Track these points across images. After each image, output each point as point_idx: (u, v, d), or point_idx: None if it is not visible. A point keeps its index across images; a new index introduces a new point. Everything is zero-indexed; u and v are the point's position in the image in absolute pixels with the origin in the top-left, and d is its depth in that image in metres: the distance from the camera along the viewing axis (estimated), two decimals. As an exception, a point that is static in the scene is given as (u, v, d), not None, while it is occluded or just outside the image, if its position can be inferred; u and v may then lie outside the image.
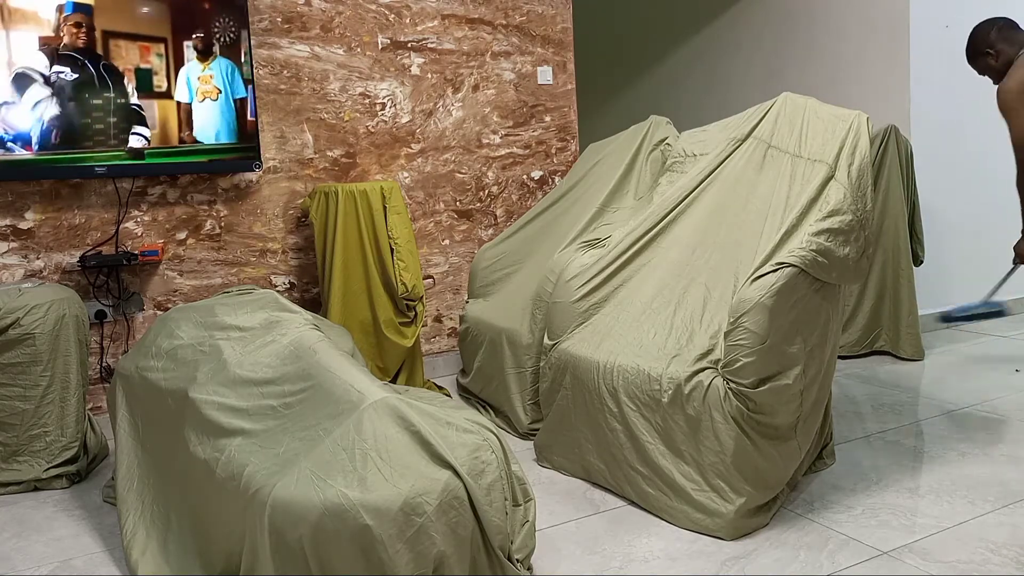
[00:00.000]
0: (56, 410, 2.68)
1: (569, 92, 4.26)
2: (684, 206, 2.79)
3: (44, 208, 3.23)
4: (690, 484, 2.21)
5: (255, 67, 3.46)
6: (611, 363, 2.41)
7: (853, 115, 2.60)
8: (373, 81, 3.76)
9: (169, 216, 3.44)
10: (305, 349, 2.00)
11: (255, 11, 3.47)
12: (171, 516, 2.09)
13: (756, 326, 2.15)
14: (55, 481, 2.67)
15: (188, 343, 2.22)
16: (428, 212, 3.94)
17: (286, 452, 1.77)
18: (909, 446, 2.75)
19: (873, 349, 3.90)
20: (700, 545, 2.13)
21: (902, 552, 2.03)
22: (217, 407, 1.95)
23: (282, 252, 3.66)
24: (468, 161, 4.01)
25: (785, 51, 4.85)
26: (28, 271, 3.22)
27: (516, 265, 3.47)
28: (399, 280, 3.35)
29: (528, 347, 2.99)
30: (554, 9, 4.17)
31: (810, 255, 2.24)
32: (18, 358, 2.62)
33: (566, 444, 2.60)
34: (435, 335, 4.01)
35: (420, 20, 3.84)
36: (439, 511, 1.64)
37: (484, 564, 1.75)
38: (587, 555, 2.10)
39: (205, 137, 3.33)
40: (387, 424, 1.71)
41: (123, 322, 3.39)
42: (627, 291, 2.68)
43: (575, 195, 3.47)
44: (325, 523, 1.60)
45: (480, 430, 1.85)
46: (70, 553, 2.24)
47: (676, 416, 2.24)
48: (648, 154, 3.34)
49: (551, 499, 2.43)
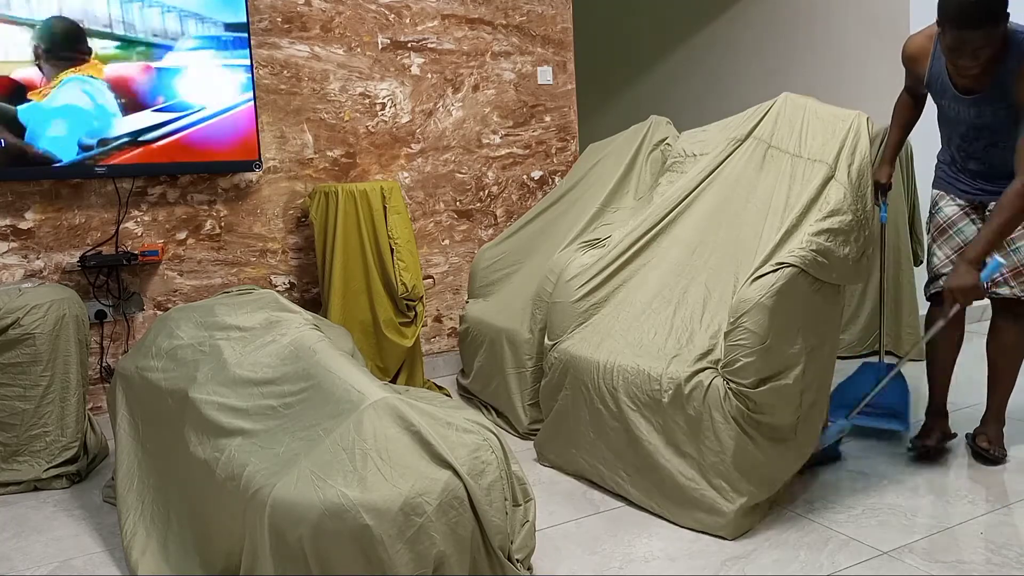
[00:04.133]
0: (56, 410, 2.68)
1: (569, 92, 4.26)
2: (684, 206, 2.79)
3: (44, 208, 3.23)
4: (691, 484, 2.21)
5: (255, 67, 3.45)
6: (611, 363, 2.41)
7: (853, 115, 2.60)
8: (373, 81, 3.76)
9: (169, 216, 3.44)
10: (305, 349, 2.00)
11: (255, 11, 3.47)
12: (171, 516, 2.09)
13: (756, 326, 2.15)
14: (55, 481, 2.67)
15: (188, 343, 2.22)
16: (428, 212, 3.94)
17: (286, 452, 1.76)
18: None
19: (874, 349, 3.90)
20: (700, 545, 2.13)
21: (902, 552, 2.03)
22: (217, 407, 1.95)
23: (282, 252, 3.66)
24: (468, 161, 4.01)
25: (785, 51, 4.85)
26: (28, 271, 3.22)
27: (516, 265, 3.47)
28: (399, 280, 3.35)
29: (528, 347, 2.99)
30: (554, 9, 4.17)
31: (810, 255, 2.24)
32: (18, 358, 2.62)
33: (566, 444, 2.60)
34: (435, 335, 4.01)
35: (420, 20, 3.84)
36: (439, 511, 1.64)
37: (484, 564, 1.75)
38: (587, 555, 2.10)
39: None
40: (387, 424, 1.71)
41: (123, 322, 3.39)
42: (627, 291, 2.68)
43: (575, 195, 3.47)
44: (325, 523, 1.59)
45: (480, 430, 1.85)
46: (70, 553, 2.23)
47: (677, 416, 2.24)
48: (648, 154, 3.34)
49: (551, 499, 2.43)
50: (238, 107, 3.35)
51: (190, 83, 3.26)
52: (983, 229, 2.33)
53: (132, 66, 3.18)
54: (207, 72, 3.28)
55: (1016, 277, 2.50)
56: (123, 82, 3.17)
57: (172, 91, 3.24)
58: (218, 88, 3.31)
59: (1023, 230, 2.44)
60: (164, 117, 3.25)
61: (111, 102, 3.15)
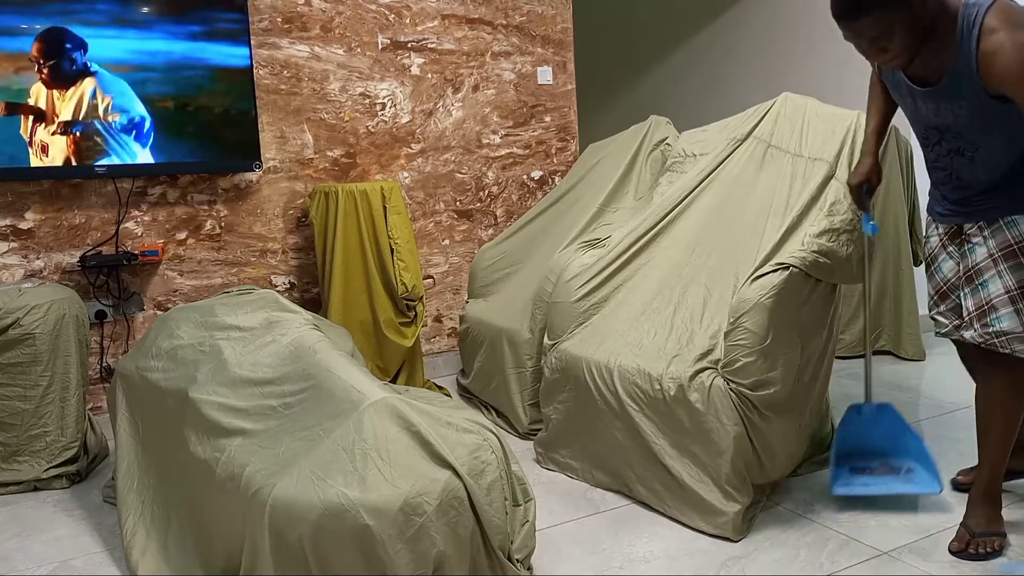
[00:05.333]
0: (56, 410, 2.67)
1: (569, 92, 4.26)
2: (684, 206, 2.79)
3: (44, 208, 3.23)
4: (695, 483, 2.20)
5: (255, 67, 3.45)
6: (611, 363, 2.41)
7: (853, 115, 2.60)
8: (373, 81, 3.76)
9: (169, 216, 3.44)
10: (305, 349, 2.00)
11: (255, 11, 3.47)
12: (171, 516, 2.09)
13: (756, 326, 2.15)
14: (55, 481, 2.67)
15: (188, 343, 2.22)
16: (428, 212, 3.94)
17: (286, 452, 1.76)
18: (909, 446, 2.75)
19: (874, 349, 3.90)
20: (700, 545, 2.12)
21: (902, 552, 2.03)
22: (217, 407, 1.95)
23: (282, 252, 3.66)
24: (468, 161, 4.01)
25: (785, 51, 4.85)
26: (28, 271, 3.22)
27: (516, 265, 3.47)
28: (399, 280, 3.35)
29: (528, 347, 2.99)
30: (554, 9, 4.17)
31: (811, 256, 2.24)
32: (18, 358, 2.62)
33: (566, 444, 2.60)
34: (435, 335, 4.01)
35: (420, 20, 3.84)
36: (439, 511, 1.64)
37: (484, 564, 1.75)
38: (587, 555, 2.10)
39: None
40: (387, 424, 1.71)
41: (123, 322, 3.39)
42: (627, 291, 2.68)
43: (575, 195, 3.47)
44: (325, 523, 1.59)
45: (480, 430, 1.85)
46: (70, 553, 2.23)
47: (679, 416, 2.24)
48: (648, 154, 3.34)
49: (551, 499, 2.43)
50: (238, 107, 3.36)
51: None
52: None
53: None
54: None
55: (981, 318, 1.97)
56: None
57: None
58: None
59: (991, 262, 1.94)
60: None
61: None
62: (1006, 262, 1.92)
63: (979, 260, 1.96)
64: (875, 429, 2.39)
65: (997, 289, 1.93)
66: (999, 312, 1.93)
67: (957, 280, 2.07)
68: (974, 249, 1.98)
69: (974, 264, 1.97)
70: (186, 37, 3.25)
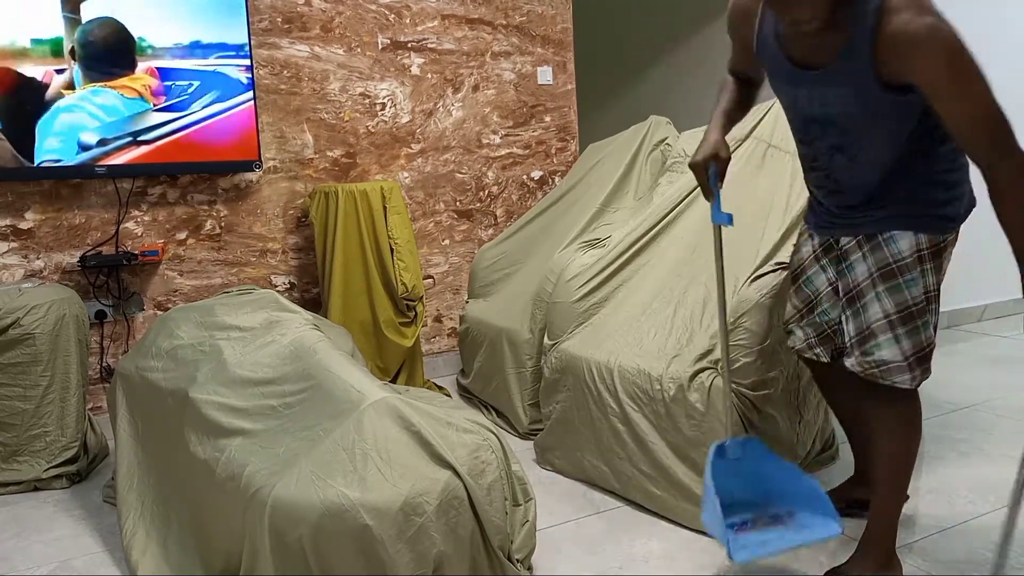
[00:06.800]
0: (56, 410, 2.68)
1: (569, 92, 4.26)
2: (684, 206, 2.79)
3: (44, 208, 3.23)
4: (693, 483, 2.20)
5: (255, 67, 3.45)
6: (611, 363, 2.41)
7: (853, 115, 2.59)
8: (373, 81, 3.76)
9: (169, 216, 3.44)
10: (305, 349, 2.00)
11: (255, 11, 3.47)
12: (171, 516, 2.09)
13: (756, 326, 2.15)
14: (55, 481, 2.67)
15: (188, 343, 2.22)
16: (428, 212, 3.94)
17: (286, 452, 1.76)
18: (909, 446, 2.75)
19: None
20: (700, 545, 2.12)
21: (902, 552, 2.03)
22: (217, 407, 1.95)
23: (282, 252, 3.66)
24: (468, 161, 4.01)
25: (785, 51, 4.84)
26: (28, 271, 3.22)
27: (516, 265, 3.47)
28: (399, 280, 3.35)
29: (528, 347, 2.99)
30: (554, 9, 4.17)
31: (810, 255, 2.23)
32: (18, 358, 2.62)
33: (566, 444, 2.60)
34: (435, 335, 4.01)
35: (420, 20, 3.84)
36: (439, 511, 1.64)
37: (484, 564, 1.75)
38: (587, 555, 2.10)
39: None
40: (387, 424, 1.71)
41: (123, 322, 3.39)
42: (627, 291, 2.68)
43: (575, 195, 3.47)
44: (325, 523, 1.59)
45: (480, 430, 1.85)
46: (70, 553, 2.23)
47: (678, 416, 2.24)
48: (648, 154, 3.34)
49: (551, 499, 2.43)
50: (238, 107, 3.36)
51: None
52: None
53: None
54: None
55: (861, 344, 1.81)
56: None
57: (171, 91, 3.25)
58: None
59: (870, 283, 1.78)
60: (164, 117, 3.25)
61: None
62: (884, 283, 1.76)
63: (860, 280, 1.80)
64: (744, 472, 1.94)
65: (876, 313, 1.77)
66: (878, 339, 1.77)
67: (828, 297, 1.93)
68: (853, 267, 1.82)
69: (855, 284, 1.81)
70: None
